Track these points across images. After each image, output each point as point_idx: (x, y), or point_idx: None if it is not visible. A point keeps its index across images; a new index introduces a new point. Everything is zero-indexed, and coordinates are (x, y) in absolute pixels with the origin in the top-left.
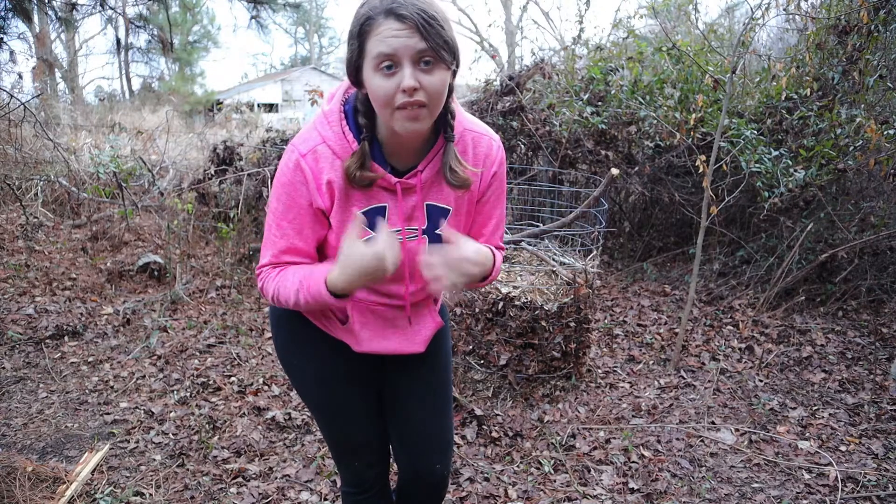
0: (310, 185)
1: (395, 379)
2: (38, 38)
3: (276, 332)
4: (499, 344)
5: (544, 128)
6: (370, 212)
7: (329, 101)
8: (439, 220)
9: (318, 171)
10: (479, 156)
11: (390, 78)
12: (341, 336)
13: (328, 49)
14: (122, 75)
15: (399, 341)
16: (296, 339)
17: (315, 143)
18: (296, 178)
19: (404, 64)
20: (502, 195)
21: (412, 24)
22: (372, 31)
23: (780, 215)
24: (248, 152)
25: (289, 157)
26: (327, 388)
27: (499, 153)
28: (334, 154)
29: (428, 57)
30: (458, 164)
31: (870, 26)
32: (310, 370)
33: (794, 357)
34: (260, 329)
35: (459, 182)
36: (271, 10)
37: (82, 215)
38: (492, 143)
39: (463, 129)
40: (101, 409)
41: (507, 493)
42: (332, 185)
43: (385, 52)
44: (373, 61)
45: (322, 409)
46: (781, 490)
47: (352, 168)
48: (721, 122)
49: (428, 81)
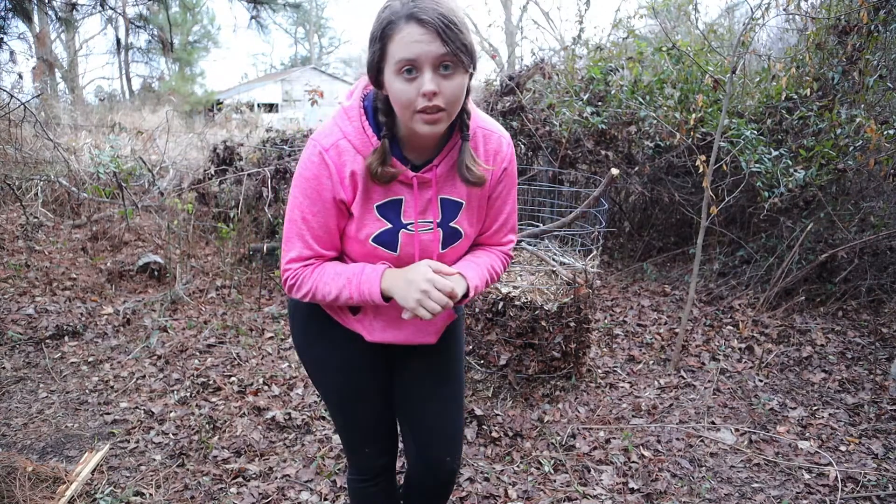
0: (333, 178)
1: (408, 371)
2: (38, 38)
3: (293, 323)
4: (499, 344)
5: (544, 128)
6: (387, 204)
7: (349, 97)
8: (453, 214)
9: (342, 165)
10: (489, 152)
11: (411, 82)
12: (354, 326)
13: (328, 49)
14: (122, 75)
15: (412, 332)
16: (312, 329)
17: (337, 137)
18: (321, 172)
19: (425, 69)
20: (512, 191)
21: (433, 30)
22: (394, 35)
23: (780, 215)
24: (248, 152)
25: (312, 151)
26: (341, 374)
27: (509, 150)
28: (355, 149)
29: (447, 62)
30: (473, 162)
31: (870, 26)
32: (324, 356)
33: (794, 357)
34: (260, 329)
35: (475, 179)
36: (271, 10)
37: (82, 215)
38: (502, 141)
39: (476, 126)
40: (101, 409)
41: (507, 493)
42: (356, 177)
43: (407, 57)
44: (394, 65)
45: (336, 395)
46: (781, 490)
47: (374, 164)
48: (721, 122)
49: (447, 86)
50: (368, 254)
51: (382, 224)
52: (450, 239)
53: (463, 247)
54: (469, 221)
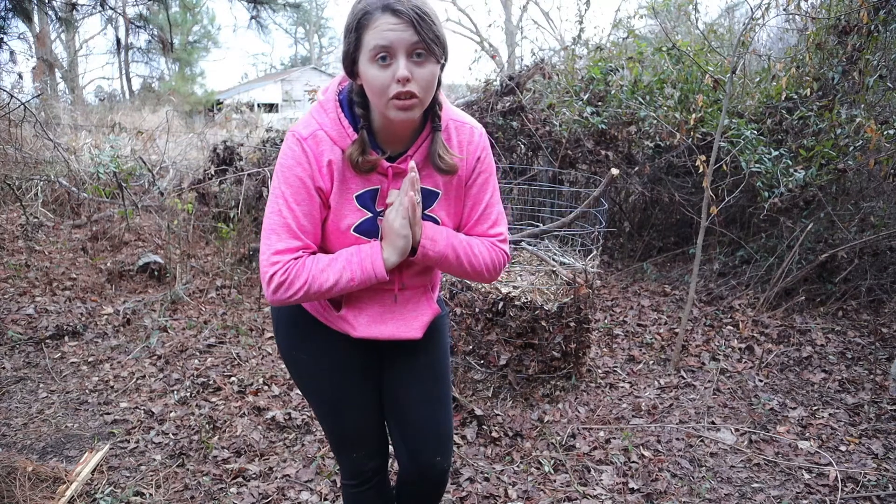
0: (313, 166)
1: (395, 372)
2: (38, 38)
3: (277, 327)
4: (499, 344)
5: (544, 128)
6: (364, 194)
7: (324, 93)
8: (429, 202)
9: (320, 153)
10: (462, 143)
11: (385, 69)
12: (340, 325)
13: (328, 49)
14: (122, 75)
15: (396, 326)
16: (297, 333)
17: (314, 128)
18: (301, 159)
19: (398, 56)
20: (490, 180)
21: (407, 19)
22: (369, 25)
23: (780, 215)
24: (248, 152)
25: (291, 141)
26: (327, 379)
27: (481, 140)
28: (332, 140)
29: (420, 49)
30: (445, 151)
31: (870, 26)
32: (310, 361)
33: (794, 357)
34: (260, 329)
35: (447, 167)
36: (271, 10)
37: (82, 215)
38: (473, 131)
39: (448, 119)
40: (101, 409)
41: (507, 493)
42: (332, 166)
43: (381, 44)
44: (369, 53)
45: (322, 400)
46: (781, 490)
47: (354, 155)
48: (721, 122)
49: (419, 73)
50: (350, 245)
51: (363, 213)
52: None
53: None
54: (447, 212)
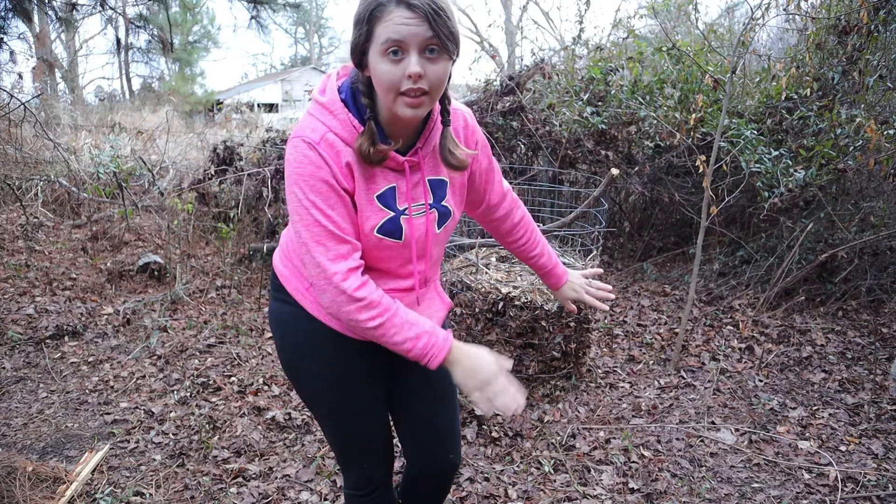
0: (333, 169)
1: (405, 373)
2: (38, 38)
3: (282, 336)
4: (499, 344)
5: (544, 128)
6: (385, 193)
7: (322, 92)
8: (442, 193)
9: (336, 156)
10: (457, 130)
11: (396, 64)
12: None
13: (328, 49)
14: (122, 75)
15: None
16: (304, 343)
17: (323, 131)
18: (319, 163)
19: (411, 51)
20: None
21: (422, 14)
22: (382, 17)
23: (780, 215)
24: (248, 152)
25: (301, 148)
26: (340, 390)
27: (472, 121)
28: (344, 142)
29: (434, 45)
30: (455, 146)
31: (870, 26)
32: (320, 373)
33: (794, 357)
34: (260, 329)
35: (458, 163)
36: (271, 10)
37: (82, 215)
38: (465, 115)
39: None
40: (101, 409)
41: (507, 493)
42: (352, 168)
43: (393, 38)
44: (380, 46)
45: (333, 412)
46: (781, 490)
47: (364, 146)
48: (721, 122)
49: (432, 70)
50: (373, 247)
51: (385, 213)
52: (443, 219)
53: (451, 226)
54: (455, 200)
